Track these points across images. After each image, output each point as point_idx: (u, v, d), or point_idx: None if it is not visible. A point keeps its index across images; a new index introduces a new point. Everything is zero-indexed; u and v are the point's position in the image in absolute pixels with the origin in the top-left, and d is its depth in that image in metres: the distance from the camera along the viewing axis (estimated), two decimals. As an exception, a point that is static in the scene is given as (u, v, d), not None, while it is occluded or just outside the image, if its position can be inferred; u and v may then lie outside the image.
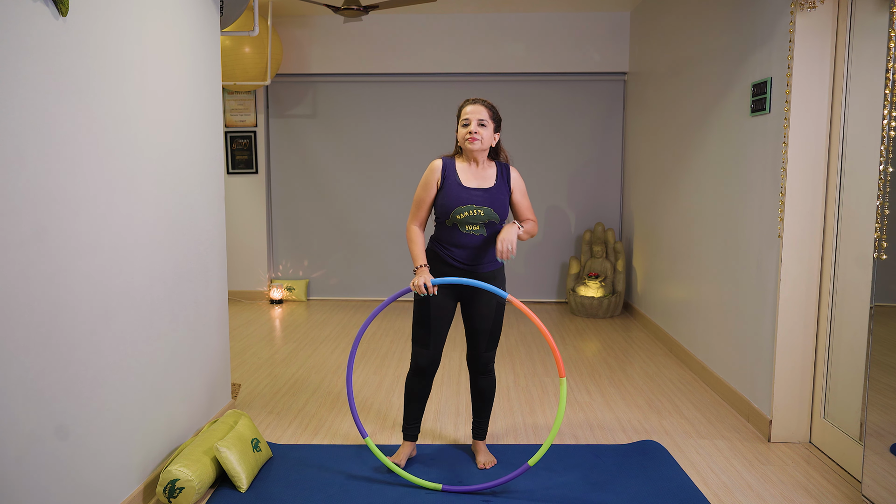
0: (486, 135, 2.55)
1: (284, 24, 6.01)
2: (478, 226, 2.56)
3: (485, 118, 2.54)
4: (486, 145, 2.56)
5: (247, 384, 3.87)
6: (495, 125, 2.59)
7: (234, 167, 6.27)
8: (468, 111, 2.55)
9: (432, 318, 2.62)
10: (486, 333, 2.67)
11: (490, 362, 2.73)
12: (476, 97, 2.62)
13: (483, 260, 2.61)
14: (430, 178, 2.60)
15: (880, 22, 2.57)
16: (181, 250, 2.70)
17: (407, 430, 2.79)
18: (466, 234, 2.57)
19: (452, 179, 2.57)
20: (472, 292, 2.63)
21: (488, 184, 2.59)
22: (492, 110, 2.57)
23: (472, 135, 2.52)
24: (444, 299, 2.62)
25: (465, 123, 2.55)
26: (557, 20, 5.97)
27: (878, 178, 2.33)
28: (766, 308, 3.17)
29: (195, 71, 2.85)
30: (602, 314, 5.71)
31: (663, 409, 3.50)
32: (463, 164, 2.61)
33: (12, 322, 1.71)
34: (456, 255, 2.59)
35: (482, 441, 2.85)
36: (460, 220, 2.55)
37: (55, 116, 1.86)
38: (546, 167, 6.23)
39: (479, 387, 2.77)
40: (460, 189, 2.55)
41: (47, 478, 1.86)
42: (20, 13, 1.72)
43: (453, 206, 2.54)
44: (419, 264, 2.55)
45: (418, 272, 2.53)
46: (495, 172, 2.63)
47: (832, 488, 2.63)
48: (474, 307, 2.65)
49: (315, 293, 6.46)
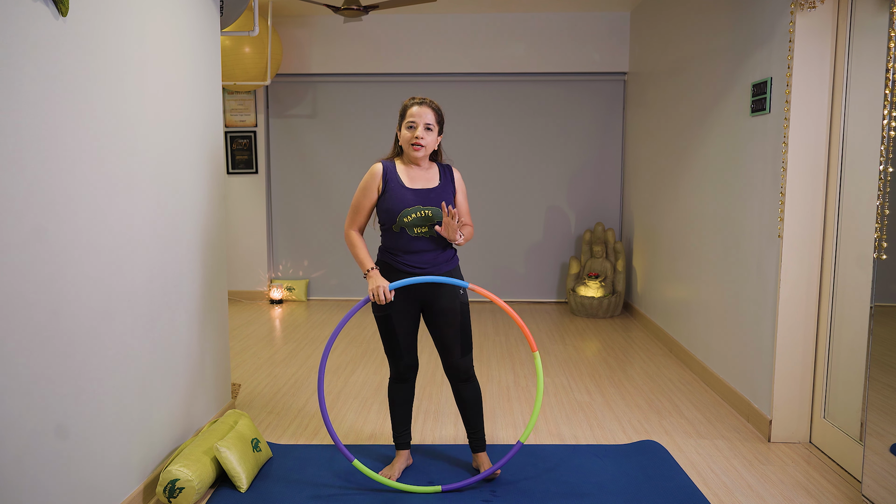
0: (431, 140, 2.47)
1: (284, 24, 6.01)
2: (426, 227, 2.47)
3: (431, 122, 2.46)
4: (429, 151, 2.50)
5: (247, 384, 3.87)
6: (440, 128, 2.51)
7: (234, 167, 6.27)
8: (414, 113, 2.46)
9: (397, 329, 2.54)
10: (455, 337, 2.55)
11: (469, 368, 2.61)
12: (422, 97, 2.51)
13: (438, 261, 2.52)
14: (371, 183, 2.49)
15: (880, 22, 2.57)
16: (181, 250, 2.70)
17: (398, 438, 2.70)
18: (416, 238, 2.48)
19: (395, 182, 2.48)
20: (433, 296, 2.52)
21: (433, 184, 2.52)
22: (438, 113, 2.49)
23: (417, 139, 2.44)
24: (405, 306, 2.52)
25: (410, 126, 2.46)
26: (557, 20, 5.97)
27: (878, 178, 2.33)
28: (766, 308, 3.17)
29: (195, 71, 2.85)
30: (602, 314, 5.71)
31: (663, 409, 3.50)
32: (403, 165, 2.54)
33: (12, 322, 1.71)
34: (408, 261, 2.49)
35: (483, 452, 2.71)
36: (407, 223, 2.45)
37: (55, 116, 1.86)
38: (546, 167, 6.23)
39: (463, 396, 2.64)
40: (404, 191, 2.46)
41: (47, 477, 1.86)
42: (20, 13, 1.72)
43: (399, 208, 2.44)
44: (368, 268, 2.46)
45: (370, 277, 2.43)
46: (438, 173, 2.56)
47: (832, 488, 2.63)
48: (438, 311, 2.53)
49: (315, 293, 6.46)
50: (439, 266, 2.53)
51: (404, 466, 2.73)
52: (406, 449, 2.73)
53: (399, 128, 2.51)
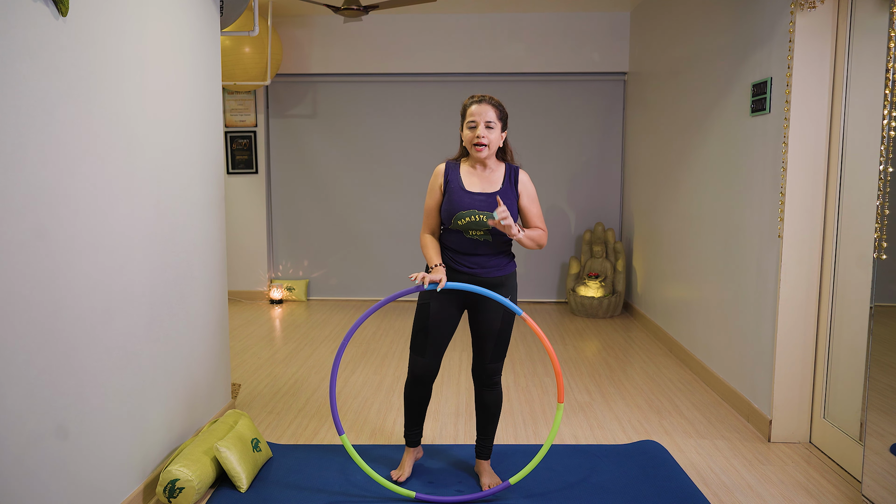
0: (494, 138, 2.41)
1: (284, 24, 6.01)
2: (482, 231, 2.42)
3: (492, 119, 2.39)
4: (493, 150, 2.43)
5: (247, 384, 3.87)
6: (502, 124, 2.44)
7: (234, 167, 6.27)
8: (474, 111, 2.40)
9: (431, 325, 2.48)
10: (490, 342, 2.50)
11: (496, 374, 2.55)
12: (482, 95, 2.45)
13: (489, 265, 2.47)
14: (434, 183, 2.50)
15: (880, 22, 2.57)
16: (181, 250, 2.70)
17: (408, 436, 2.70)
18: (470, 240, 2.44)
19: (455, 184, 2.46)
20: (479, 298, 2.48)
21: (494, 187, 2.45)
22: (499, 109, 2.42)
23: (479, 139, 2.38)
24: (447, 306, 2.48)
25: (471, 125, 2.41)
26: (557, 20, 5.97)
27: (878, 178, 2.33)
28: (766, 308, 3.17)
29: (195, 71, 2.85)
30: (602, 314, 5.71)
31: (663, 409, 3.50)
32: (468, 166, 2.50)
33: (12, 322, 1.71)
34: (461, 260, 2.46)
35: (486, 461, 2.66)
36: (462, 225, 2.42)
37: (55, 116, 1.86)
38: (546, 167, 6.23)
39: (485, 401, 2.59)
40: (462, 193, 2.44)
41: (47, 477, 1.86)
42: (20, 13, 1.72)
43: (455, 210, 2.42)
44: (434, 264, 2.42)
45: (434, 271, 2.40)
46: (503, 175, 2.48)
47: (832, 488, 2.63)
48: (480, 313, 2.49)
49: (315, 293, 6.46)
50: (490, 270, 2.46)
51: (413, 462, 2.73)
52: (416, 446, 2.73)
53: (461, 128, 2.47)
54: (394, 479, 2.63)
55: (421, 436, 2.71)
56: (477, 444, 2.67)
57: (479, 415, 2.64)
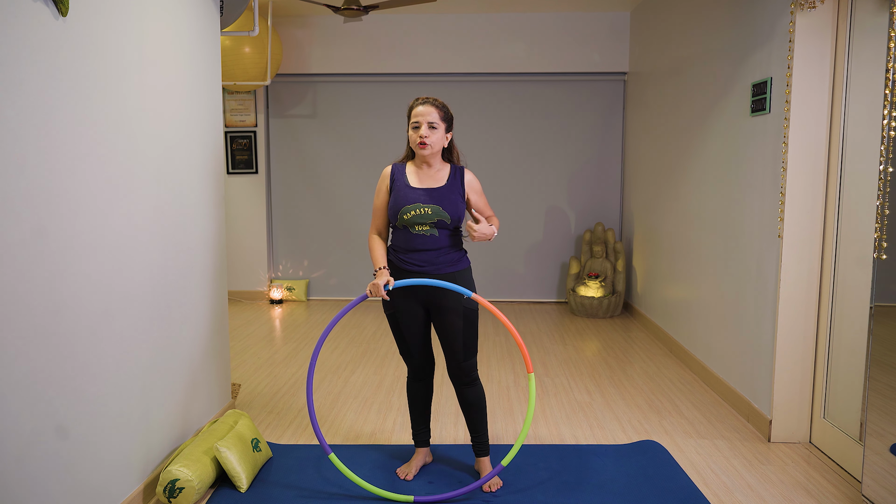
0: (437, 138, 2.47)
1: (284, 24, 6.01)
2: (427, 225, 2.45)
3: (435, 120, 2.46)
4: (436, 149, 2.49)
5: (247, 384, 3.87)
6: (447, 125, 2.51)
7: (234, 167, 6.27)
8: (418, 112, 2.47)
9: (404, 330, 2.56)
10: (458, 341, 2.52)
11: (472, 371, 2.57)
12: (426, 97, 2.52)
13: (438, 261, 2.49)
14: (381, 184, 2.56)
15: (880, 22, 2.57)
16: (181, 250, 2.70)
17: (416, 436, 2.73)
18: (417, 235, 2.46)
19: (401, 182, 2.51)
20: (437, 298, 2.50)
21: (438, 184, 2.51)
22: (443, 110, 2.49)
23: (422, 139, 2.44)
24: (409, 307, 2.53)
25: (415, 126, 2.47)
26: (557, 20, 5.97)
27: (878, 178, 2.33)
28: (766, 308, 3.17)
29: (195, 71, 2.85)
30: (602, 314, 5.71)
31: (663, 409, 3.50)
32: (413, 166, 2.56)
33: (12, 322, 1.71)
34: (411, 259, 2.49)
35: (486, 458, 2.68)
36: (408, 220, 2.45)
37: (55, 116, 1.86)
38: (546, 167, 6.23)
39: (467, 399, 2.60)
40: (407, 190, 2.49)
41: (47, 477, 1.86)
42: (20, 13, 1.72)
43: (400, 206, 2.46)
44: (378, 267, 2.47)
45: (377, 275, 2.45)
46: (448, 174, 2.55)
47: (832, 488, 2.63)
48: (440, 315, 2.51)
49: (315, 293, 6.46)
50: (439, 266, 2.49)
51: (422, 464, 2.74)
52: (425, 447, 2.75)
53: (408, 129, 2.52)
54: (401, 476, 2.67)
55: (429, 436, 2.74)
56: (472, 442, 2.69)
57: (465, 414, 2.65)
